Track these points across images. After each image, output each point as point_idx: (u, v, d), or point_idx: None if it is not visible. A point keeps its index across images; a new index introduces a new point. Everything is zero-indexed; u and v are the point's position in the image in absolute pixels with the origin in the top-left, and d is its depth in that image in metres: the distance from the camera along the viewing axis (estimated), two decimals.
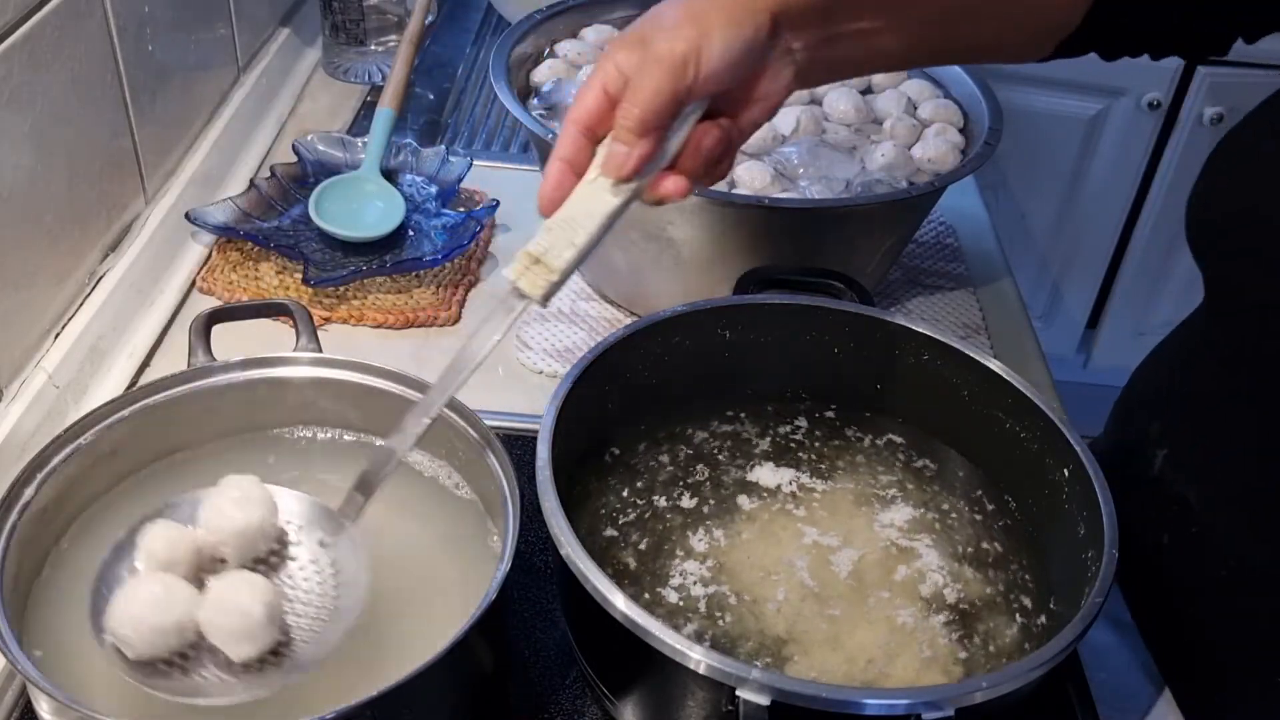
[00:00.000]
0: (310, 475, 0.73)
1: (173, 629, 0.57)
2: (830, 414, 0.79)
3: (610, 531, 0.71)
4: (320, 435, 0.75)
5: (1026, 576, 0.70)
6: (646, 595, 0.67)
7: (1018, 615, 0.68)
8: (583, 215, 0.60)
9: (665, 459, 0.76)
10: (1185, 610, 0.75)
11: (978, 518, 0.73)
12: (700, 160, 0.61)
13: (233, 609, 0.57)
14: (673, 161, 0.61)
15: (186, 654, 0.58)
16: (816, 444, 0.77)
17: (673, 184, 0.61)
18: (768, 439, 0.77)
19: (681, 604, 0.67)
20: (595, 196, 0.60)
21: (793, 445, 0.77)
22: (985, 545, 0.71)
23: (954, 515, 0.73)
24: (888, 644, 0.65)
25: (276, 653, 0.58)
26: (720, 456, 0.76)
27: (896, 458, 0.77)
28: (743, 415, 0.79)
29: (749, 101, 0.62)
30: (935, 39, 0.68)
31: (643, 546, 0.70)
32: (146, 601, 0.57)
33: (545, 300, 0.60)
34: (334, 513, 0.63)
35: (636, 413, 0.76)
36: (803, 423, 0.78)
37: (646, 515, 0.72)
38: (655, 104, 0.58)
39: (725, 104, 0.61)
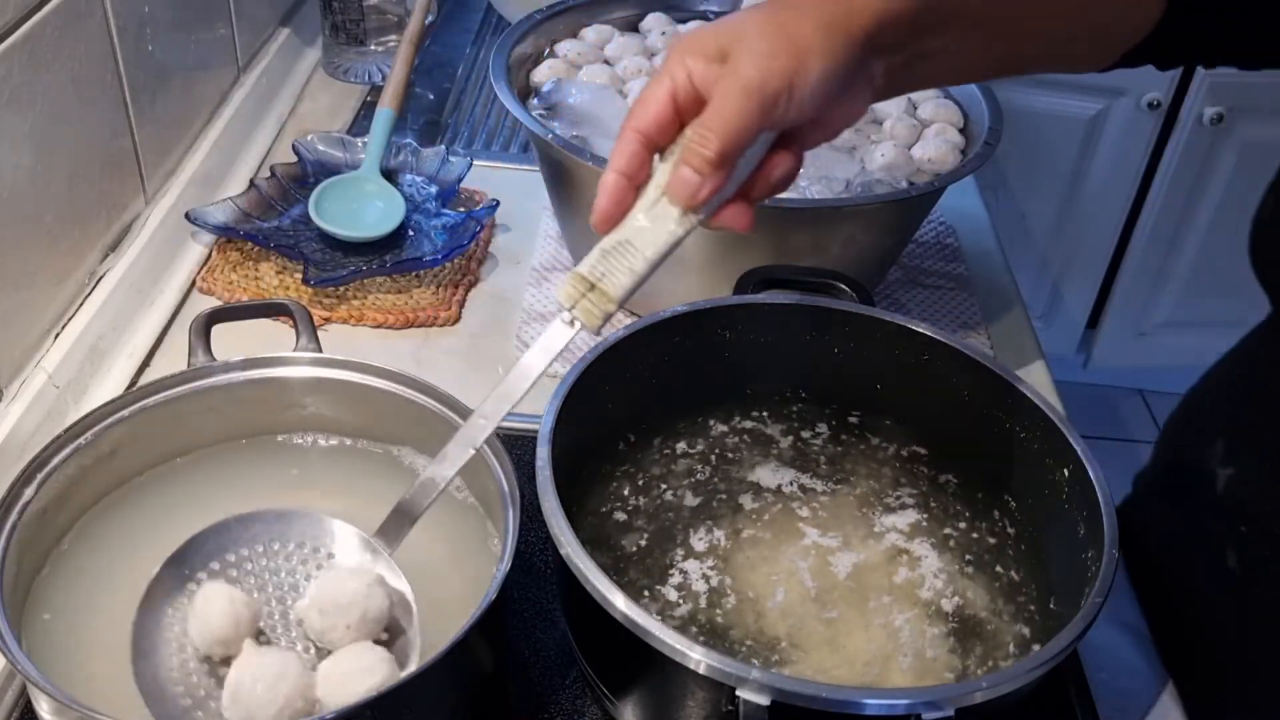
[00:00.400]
0: (331, 481, 0.73)
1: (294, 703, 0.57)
2: (853, 419, 0.79)
3: (620, 516, 0.71)
4: (324, 442, 0.75)
5: (1027, 582, 0.69)
6: (646, 593, 0.67)
7: (1016, 621, 0.67)
8: (643, 242, 0.56)
9: (679, 451, 0.76)
10: (1208, 617, 0.74)
11: (978, 521, 0.73)
12: (767, 189, 0.59)
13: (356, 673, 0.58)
14: (740, 188, 0.58)
15: None
16: (839, 448, 0.77)
17: (739, 216, 0.58)
18: (788, 440, 0.77)
19: (681, 602, 0.67)
20: (657, 222, 0.56)
21: (814, 449, 0.77)
22: (985, 549, 0.71)
23: (955, 519, 0.73)
24: (885, 647, 0.65)
25: None
26: (729, 456, 0.76)
27: (918, 469, 0.76)
28: (766, 415, 0.79)
29: (821, 126, 0.59)
30: (1010, 54, 0.65)
31: (644, 541, 0.70)
32: (270, 674, 0.57)
33: (599, 329, 0.57)
34: (374, 543, 0.64)
35: (637, 413, 0.76)
36: (824, 428, 0.78)
37: (653, 508, 0.72)
38: (739, 136, 0.54)
39: (797, 128, 0.58)
